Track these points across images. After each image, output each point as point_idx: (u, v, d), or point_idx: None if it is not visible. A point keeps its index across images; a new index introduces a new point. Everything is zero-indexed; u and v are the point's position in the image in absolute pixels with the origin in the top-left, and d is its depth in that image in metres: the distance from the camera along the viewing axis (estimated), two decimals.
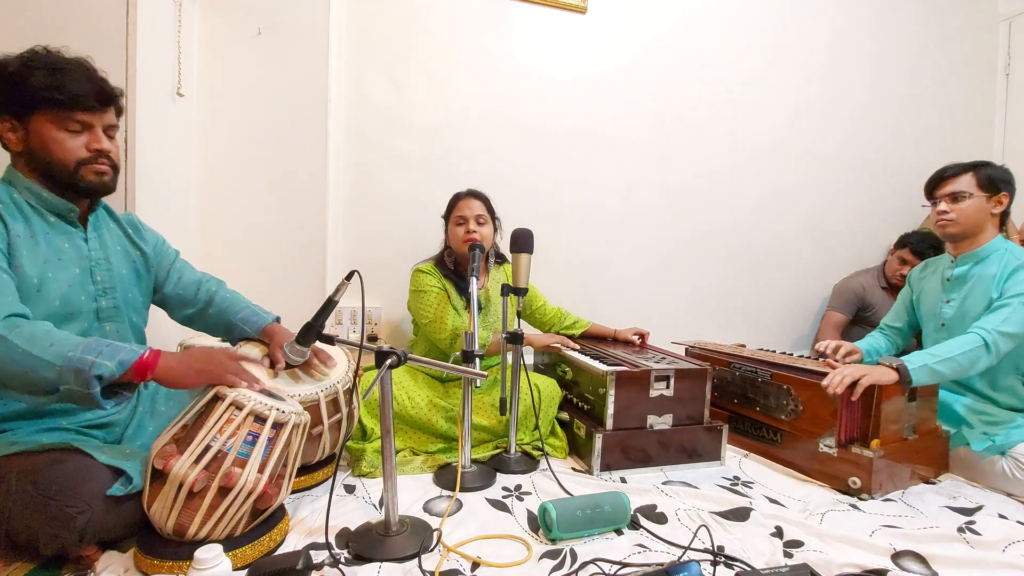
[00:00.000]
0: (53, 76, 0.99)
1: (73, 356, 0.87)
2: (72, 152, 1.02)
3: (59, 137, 1.01)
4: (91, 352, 0.88)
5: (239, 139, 1.89)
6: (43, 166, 1.03)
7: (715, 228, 2.56)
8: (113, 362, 0.89)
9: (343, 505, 1.24)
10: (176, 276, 1.29)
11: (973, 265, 1.60)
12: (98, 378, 0.87)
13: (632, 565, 1.02)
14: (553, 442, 1.63)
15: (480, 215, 1.74)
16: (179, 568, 0.93)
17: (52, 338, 0.88)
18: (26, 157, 1.03)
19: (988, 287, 1.54)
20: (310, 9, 1.89)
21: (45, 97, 0.99)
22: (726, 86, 2.51)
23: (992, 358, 1.43)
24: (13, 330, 0.87)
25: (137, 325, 1.22)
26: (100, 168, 1.06)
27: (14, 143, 1.03)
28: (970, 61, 2.93)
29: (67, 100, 1.00)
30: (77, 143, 1.03)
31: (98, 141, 1.05)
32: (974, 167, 1.58)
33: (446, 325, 1.65)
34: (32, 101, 0.99)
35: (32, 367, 0.85)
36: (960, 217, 1.57)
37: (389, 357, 1.04)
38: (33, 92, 0.98)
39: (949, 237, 1.64)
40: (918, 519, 1.25)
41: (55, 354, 0.86)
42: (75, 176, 1.04)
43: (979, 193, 1.55)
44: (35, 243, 1.01)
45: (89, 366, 0.87)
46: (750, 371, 1.70)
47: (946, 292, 1.66)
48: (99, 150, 1.05)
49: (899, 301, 1.88)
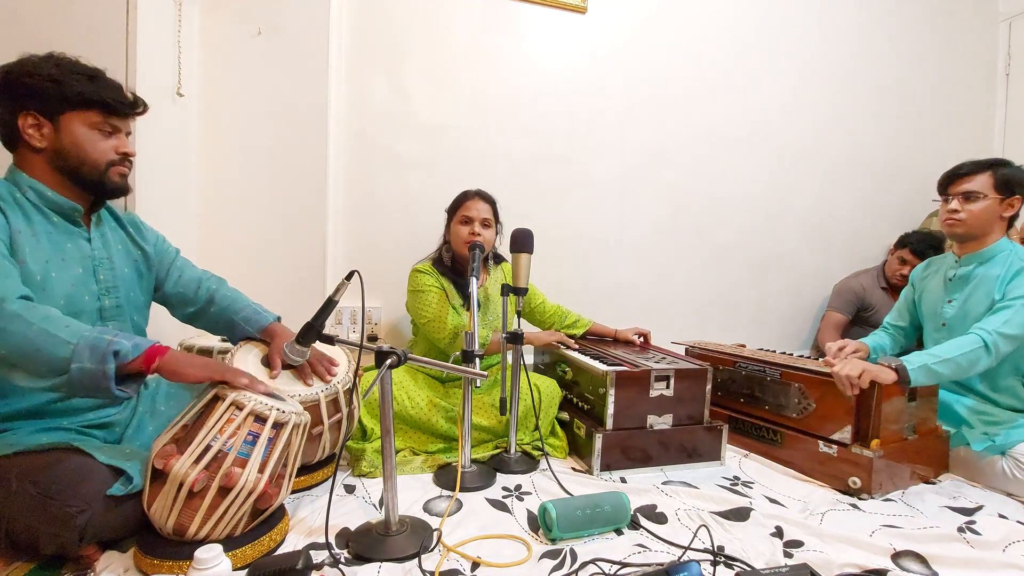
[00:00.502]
0: (94, 81, 1.05)
1: (89, 335, 0.88)
2: (104, 154, 1.07)
3: (93, 138, 1.06)
4: (107, 333, 0.91)
5: (239, 139, 1.89)
6: (72, 164, 1.05)
7: (715, 228, 2.57)
8: (129, 343, 0.92)
9: (343, 505, 1.24)
10: (176, 274, 1.29)
11: (977, 266, 1.58)
12: (115, 354, 0.88)
13: (632, 565, 1.02)
14: (553, 442, 1.63)
15: (486, 218, 1.74)
16: (179, 568, 0.93)
17: (67, 320, 0.90)
18: (51, 155, 1.04)
19: (991, 288, 1.52)
20: (310, 9, 1.89)
21: (88, 99, 1.04)
22: (726, 86, 2.51)
23: (992, 359, 1.42)
24: (28, 308, 0.88)
25: (139, 324, 1.22)
26: (124, 170, 1.12)
27: (38, 139, 1.03)
28: (970, 61, 2.93)
29: (111, 104, 1.06)
30: (108, 146, 1.08)
31: (126, 145, 1.11)
32: (991, 166, 1.54)
33: (446, 324, 1.65)
34: (72, 102, 1.03)
35: (46, 344, 0.86)
36: (969, 218, 1.54)
37: (389, 357, 1.04)
38: (74, 94, 1.02)
39: (955, 237, 1.62)
40: (918, 519, 1.25)
41: (71, 332, 0.88)
42: (104, 176, 1.08)
43: (994, 195, 1.52)
44: (37, 241, 1.01)
45: (106, 343, 0.88)
46: (758, 370, 1.70)
47: (948, 292, 1.65)
48: (126, 153, 1.11)
49: (901, 300, 1.87)
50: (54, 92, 1.01)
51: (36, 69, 1.01)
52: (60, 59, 1.05)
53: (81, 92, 1.03)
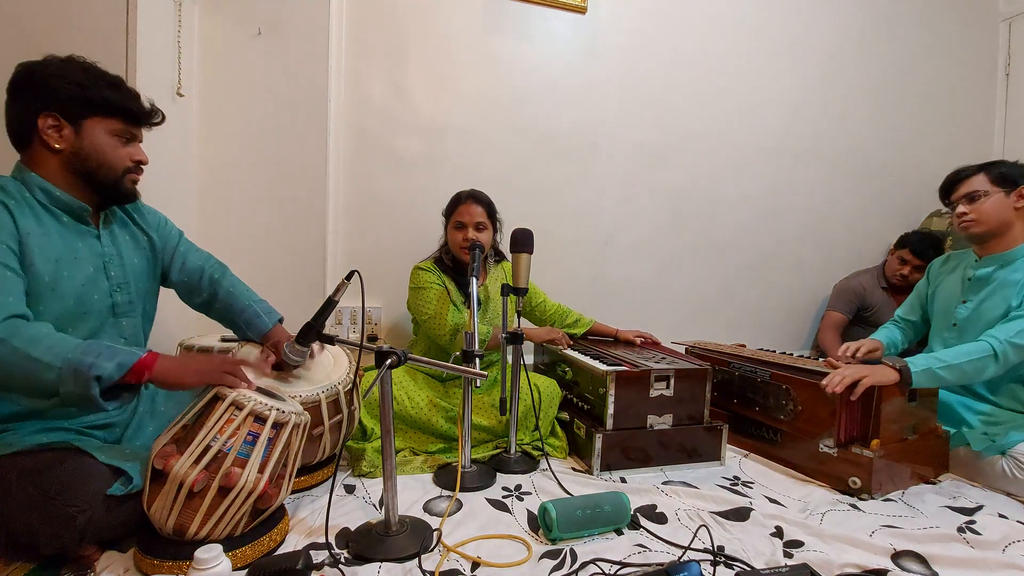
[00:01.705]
0: (117, 89, 1.06)
1: (72, 358, 0.87)
2: (122, 160, 1.09)
3: (113, 144, 1.07)
4: (90, 354, 0.89)
5: (239, 139, 1.89)
6: (90, 167, 1.05)
7: (715, 228, 2.56)
8: (112, 363, 0.90)
9: (343, 505, 1.24)
10: (180, 262, 1.28)
11: (998, 268, 1.54)
12: (96, 379, 0.88)
13: (632, 565, 1.02)
14: (553, 442, 1.63)
15: (480, 221, 1.72)
16: (179, 568, 0.93)
17: (52, 340, 0.89)
18: (68, 156, 1.04)
19: (1009, 293, 1.48)
20: (310, 9, 1.89)
21: (114, 107, 1.05)
22: (726, 86, 2.51)
23: (999, 369, 1.40)
24: (13, 332, 0.87)
25: (150, 313, 1.24)
26: (137, 177, 1.13)
27: (56, 140, 1.02)
28: (970, 61, 2.93)
29: (134, 113, 1.08)
30: (125, 153, 1.09)
31: (140, 153, 1.12)
32: (985, 166, 1.54)
33: (446, 321, 1.65)
34: (97, 107, 1.03)
35: (32, 370, 0.86)
36: (981, 216, 1.52)
37: (389, 357, 1.04)
38: (100, 99, 1.03)
39: (974, 239, 1.58)
40: (918, 519, 1.25)
41: (55, 356, 0.87)
42: (119, 181, 1.09)
43: (995, 190, 1.51)
44: (49, 240, 1.01)
45: (88, 367, 0.87)
46: (750, 371, 1.70)
47: (964, 292, 1.61)
48: (141, 161, 1.12)
49: (914, 293, 1.83)
50: (80, 96, 1.01)
51: (62, 71, 1.01)
52: (86, 64, 1.05)
53: (107, 98, 1.04)
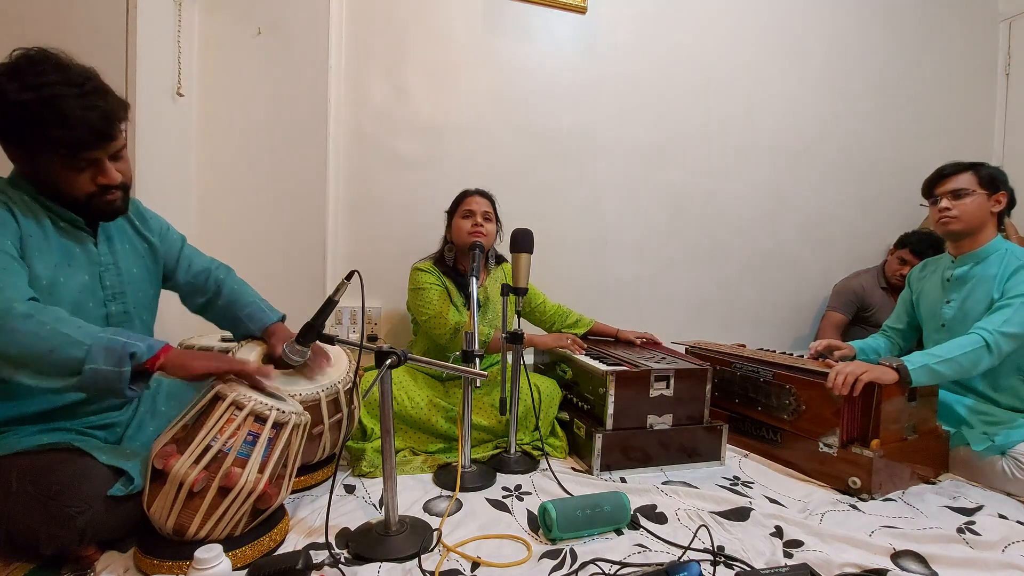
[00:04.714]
0: (64, 123, 0.91)
1: (104, 336, 0.87)
2: (81, 188, 1.00)
3: (66, 175, 0.98)
4: (121, 335, 0.90)
5: (239, 139, 1.89)
6: (53, 195, 1.01)
7: (715, 228, 2.56)
8: (144, 344, 0.91)
9: (343, 505, 1.24)
10: (187, 264, 1.28)
11: (973, 265, 1.59)
12: (131, 356, 0.88)
13: (632, 565, 1.02)
14: (553, 442, 1.63)
15: (487, 211, 1.76)
16: (179, 568, 0.93)
17: (78, 321, 0.89)
18: (35, 182, 1.01)
19: (989, 288, 1.53)
20: (310, 9, 1.89)
21: (47, 139, 0.92)
22: (726, 86, 2.51)
23: (994, 359, 1.42)
24: (40, 309, 0.87)
25: (147, 323, 1.22)
26: (110, 198, 1.03)
27: (17, 161, 1.00)
28: (970, 61, 2.93)
29: (71, 145, 0.94)
30: (85, 178, 0.99)
31: (104, 174, 1.00)
32: (973, 166, 1.58)
33: (447, 321, 1.65)
34: (41, 143, 0.93)
35: (59, 344, 0.84)
36: (963, 214, 1.56)
37: (389, 357, 1.04)
38: (34, 135, 0.92)
39: (952, 235, 1.63)
40: (918, 519, 1.25)
41: (84, 334, 0.86)
42: (87, 206, 1.02)
43: (980, 190, 1.55)
44: (48, 244, 1.00)
45: (122, 345, 0.88)
46: (752, 371, 1.70)
47: (946, 293, 1.66)
48: (108, 184, 1.01)
49: (899, 303, 1.88)
50: (20, 131, 0.93)
51: (16, 92, 0.89)
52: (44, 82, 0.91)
53: (48, 138, 0.91)
